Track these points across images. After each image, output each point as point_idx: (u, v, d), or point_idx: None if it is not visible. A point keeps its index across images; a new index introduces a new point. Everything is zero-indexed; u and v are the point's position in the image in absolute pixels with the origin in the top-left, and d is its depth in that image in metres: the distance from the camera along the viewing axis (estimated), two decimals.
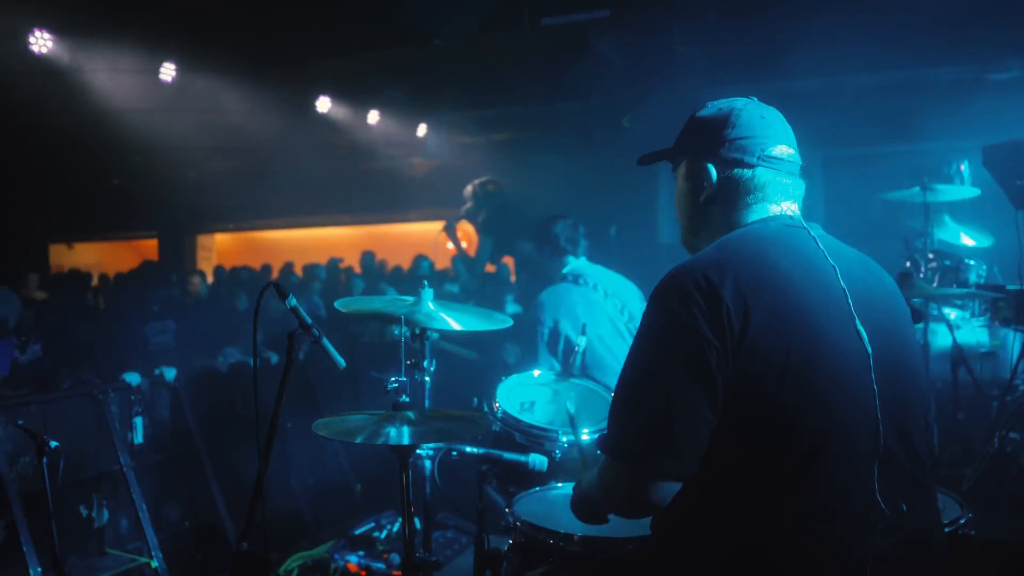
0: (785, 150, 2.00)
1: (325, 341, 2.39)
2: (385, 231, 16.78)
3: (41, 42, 6.72)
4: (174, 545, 6.05)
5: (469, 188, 7.74)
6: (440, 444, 2.87)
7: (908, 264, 5.59)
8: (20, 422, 3.95)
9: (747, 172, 1.97)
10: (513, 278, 8.82)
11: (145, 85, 7.95)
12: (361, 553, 4.89)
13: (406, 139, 10.77)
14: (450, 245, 8.27)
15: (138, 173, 12.08)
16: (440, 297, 3.19)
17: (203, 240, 17.58)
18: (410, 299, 3.26)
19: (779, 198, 1.99)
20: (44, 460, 3.60)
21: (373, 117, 9.99)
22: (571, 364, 3.70)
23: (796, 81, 9.06)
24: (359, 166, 12.06)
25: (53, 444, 3.64)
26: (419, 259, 10.80)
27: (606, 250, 6.83)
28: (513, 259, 8.00)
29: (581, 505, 2.10)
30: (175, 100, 8.44)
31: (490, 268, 8.98)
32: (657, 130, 9.24)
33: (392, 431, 2.44)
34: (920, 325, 5.48)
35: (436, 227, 8.28)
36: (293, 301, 2.35)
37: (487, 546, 2.97)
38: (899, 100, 8.65)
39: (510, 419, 3.15)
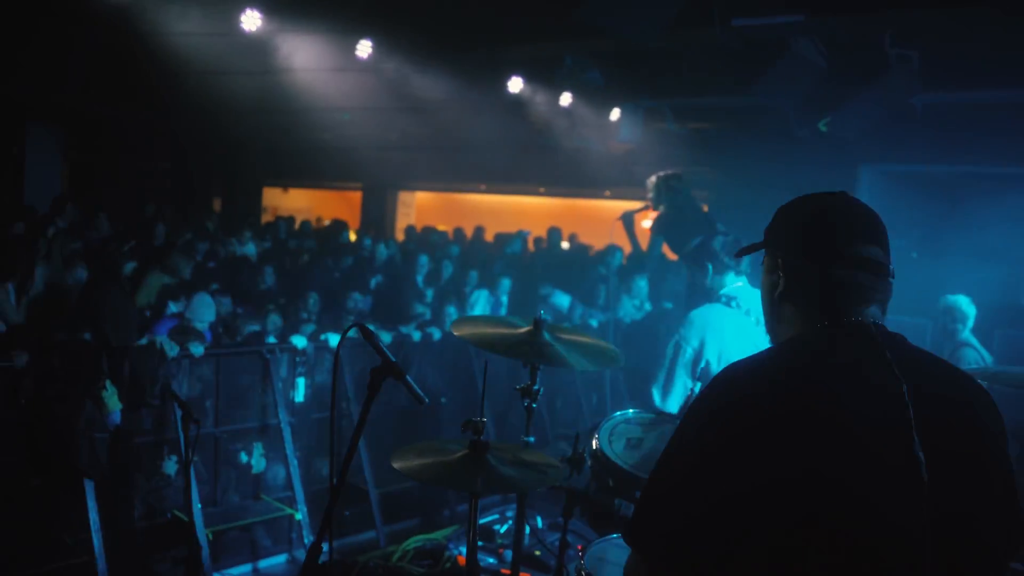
0: (867, 249, 1.86)
1: (409, 379, 2.48)
2: (580, 205, 16.88)
3: (251, 20, 7.19)
4: (322, 498, 6.50)
5: (652, 179, 7.52)
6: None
7: None
8: (158, 383, 4.34)
9: (815, 272, 1.85)
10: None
11: (345, 57, 8.38)
12: (480, 544, 5.04)
13: (599, 122, 10.72)
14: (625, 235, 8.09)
15: (345, 130, 12.72)
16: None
17: (404, 196, 18.34)
18: (523, 326, 3.29)
19: (854, 303, 1.84)
20: (190, 427, 3.93)
21: (566, 99, 10.01)
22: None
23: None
24: (552, 141, 12.15)
25: (180, 409, 3.97)
26: (612, 249, 10.74)
27: None
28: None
29: None
30: (370, 66, 8.84)
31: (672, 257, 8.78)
32: (857, 136, 8.72)
33: (468, 477, 2.50)
34: None
35: (630, 206, 8.04)
36: (378, 341, 2.44)
37: None
38: None
39: (602, 457, 3.12)
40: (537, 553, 4.64)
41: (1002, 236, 8.97)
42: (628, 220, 7.69)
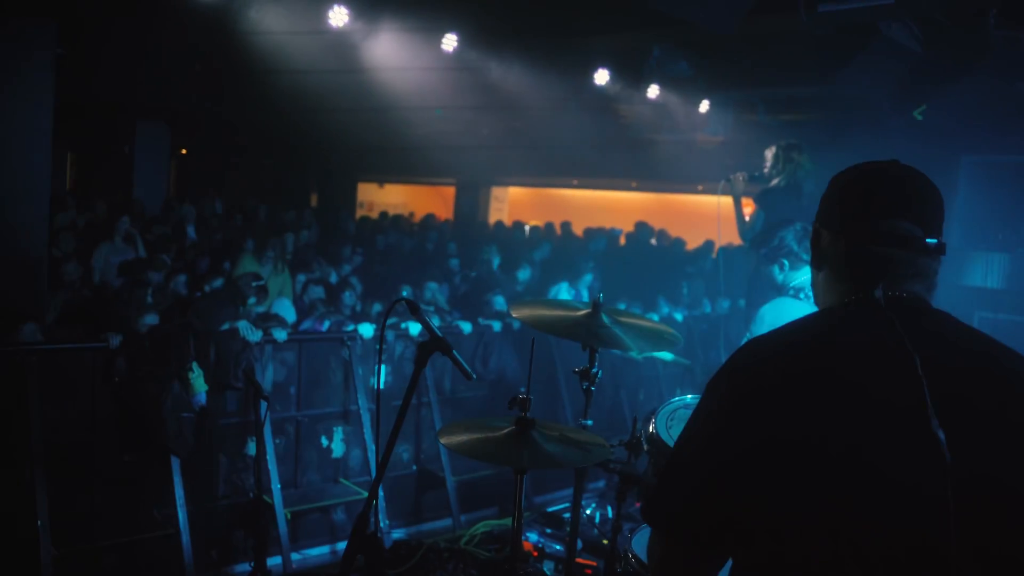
0: (900, 224, 1.77)
1: (456, 354, 2.50)
2: (671, 200, 16.69)
3: (339, 16, 7.36)
4: (400, 484, 6.62)
5: (772, 149, 6.98)
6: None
7: None
8: (243, 367, 4.49)
9: (842, 244, 1.80)
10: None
11: (431, 51, 8.50)
12: (549, 531, 5.05)
13: (688, 114, 10.59)
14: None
15: (438, 126, 12.89)
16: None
17: (496, 191, 18.48)
18: (582, 308, 3.28)
19: (882, 275, 1.76)
20: (263, 404, 4.05)
21: (653, 91, 9.90)
22: None
23: None
24: (642, 135, 12.04)
25: (267, 391, 4.10)
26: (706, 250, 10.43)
27: None
28: None
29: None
30: (460, 64, 8.94)
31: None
32: (957, 125, 8.36)
33: (511, 451, 2.51)
34: None
35: (724, 200, 7.55)
36: (425, 316, 2.47)
37: (619, 566, 2.97)
38: None
39: (659, 441, 3.08)
40: (605, 542, 4.61)
41: None
42: (735, 188, 6.87)
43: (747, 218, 8.10)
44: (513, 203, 19.09)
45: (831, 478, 1.54)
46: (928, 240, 1.78)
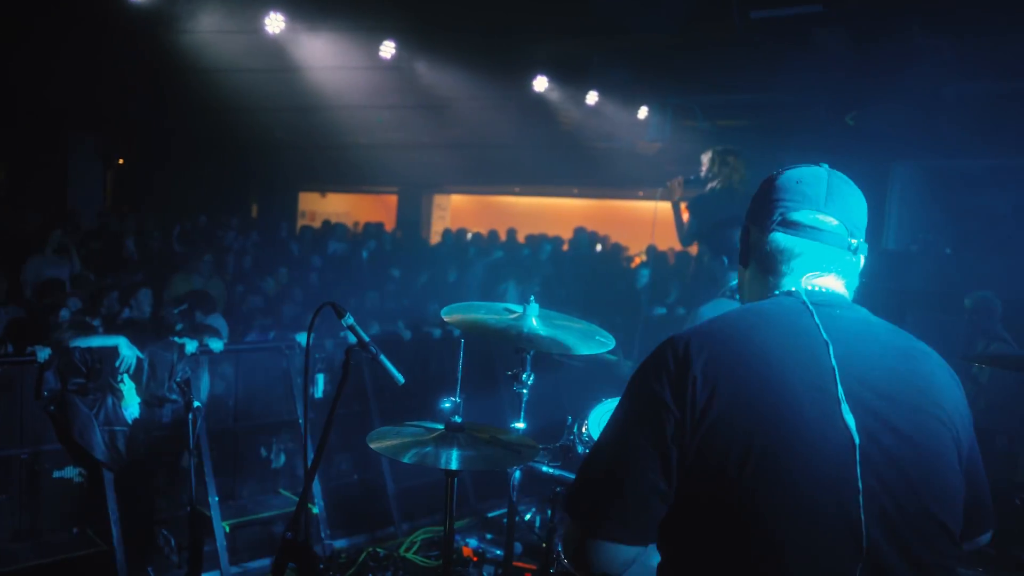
0: (827, 220, 1.84)
1: (383, 358, 2.49)
2: (613, 205, 16.84)
3: (275, 22, 7.30)
4: (342, 493, 6.55)
5: (708, 154, 7.01)
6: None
7: None
8: (177, 379, 4.42)
9: (762, 237, 1.86)
10: None
11: (370, 58, 8.47)
12: (489, 536, 5.05)
13: (628, 121, 10.70)
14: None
15: (380, 134, 12.85)
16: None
17: (439, 199, 18.47)
18: (515, 311, 3.28)
19: (811, 270, 1.84)
20: (190, 415, 3.98)
21: (592, 98, 10.00)
22: None
23: None
24: (582, 142, 12.14)
25: (196, 404, 4.03)
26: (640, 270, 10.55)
27: None
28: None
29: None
30: (399, 71, 8.94)
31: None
32: (887, 130, 8.56)
33: (441, 453, 2.51)
34: None
35: (664, 206, 7.54)
36: (350, 319, 2.46)
37: (553, 568, 2.98)
38: None
39: (591, 442, 3.10)
40: (544, 545, 4.62)
41: None
42: (673, 194, 6.83)
43: (685, 223, 8.20)
44: (456, 211, 19.09)
45: (752, 465, 1.58)
46: (850, 238, 1.85)
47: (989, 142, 8.70)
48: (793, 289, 1.83)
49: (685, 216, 7.09)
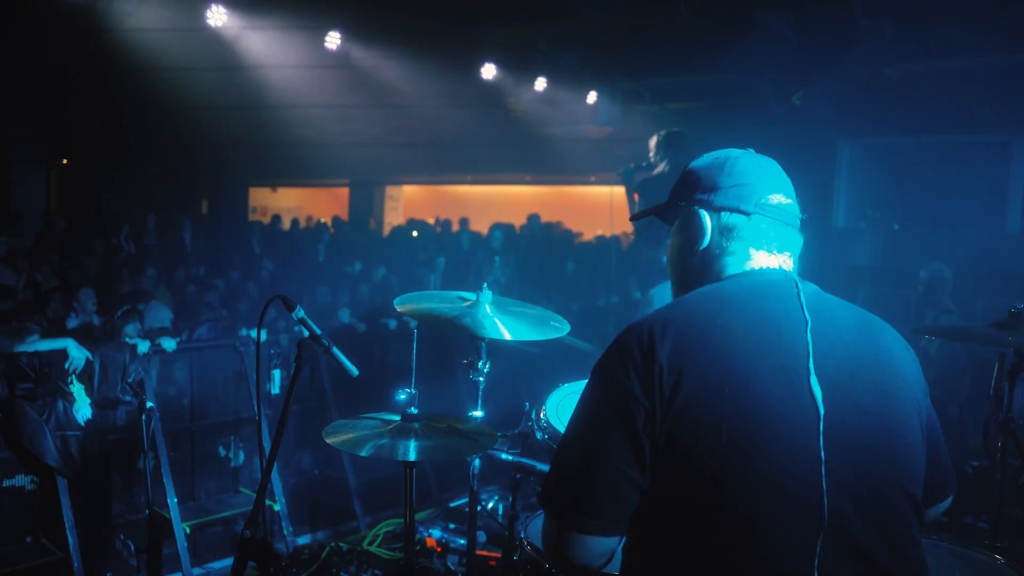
0: (782, 199, 1.88)
1: (335, 350, 2.47)
2: (566, 191, 16.88)
3: (217, 15, 7.18)
4: (303, 489, 6.50)
5: (655, 138, 7.03)
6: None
7: None
8: (130, 379, 4.35)
9: (741, 219, 1.86)
10: None
11: (315, 49, 8.38)
12: (453, 526, 5.04)
13: (578, 106, 10.72)
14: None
15: (328, 126, 12.72)
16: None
17: (391, 190, 18.36)
18: (469, 299, 3.27)
19: (772, 249, 1.87)
20: (143, 416, 3.92)
21: (541, 84, 9.99)
22: None
23: (1002, 57, 8.24)
24: (533, 129, 12.14)
25: (149, 404, 3.97)
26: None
27: None
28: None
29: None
30: (346, 61, 8.85)
31: None
32: (832, 109, 8.65)
33: (399, 445, 2.49)
34: None
35: (617, 191, 7.56)
36: (301, 312, 2.43)
37: (516, 555, 2.98)
38: None
39: (551, 430, 3.11)
40: (507, 533, 4.63)
41: (982, 204, 8.97)
42: (629, 178, 6.91)
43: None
44: (408, 202, 19.01)
45: (722, 449, 1.59)
46: (798, 216, 1.90)
47: (932, 120, 8.88)
48: (760, 267, 1.85)
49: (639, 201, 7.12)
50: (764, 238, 1.86)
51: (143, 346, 5.59)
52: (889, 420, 1.72)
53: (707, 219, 1.89)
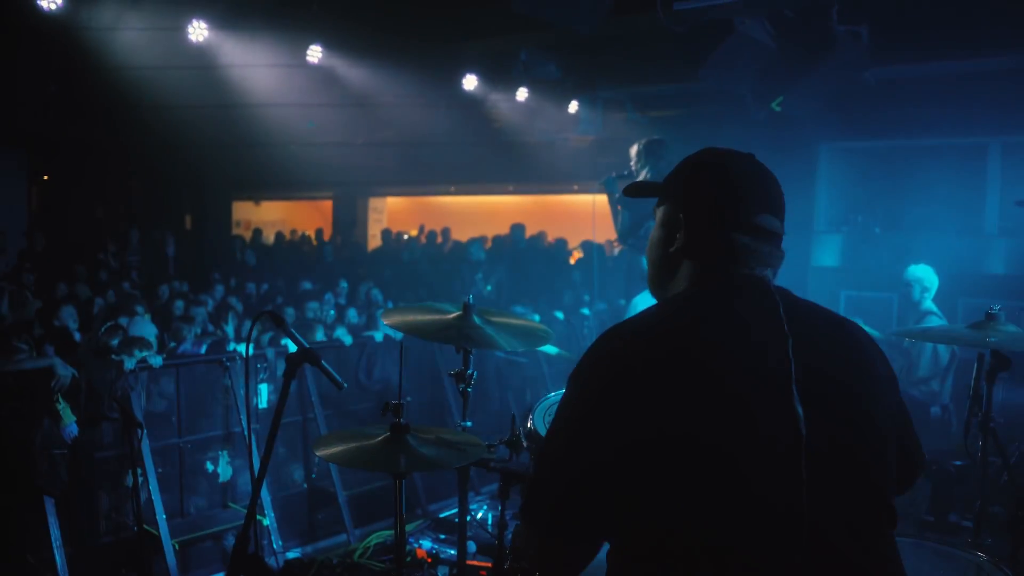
0: (768, 219, 1.85)
1: (324, 363, 2.49)
2: (549, 201, 16.92)
3: (198, 31, 7.19)
4: (292, 503, 6.50)
5: (635, 147, 7.03)
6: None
7: None
8: (117, 396, 4.34)
9: (721, 234, 1.83)
10: None
11: (298, 62, 8.40)
12: (442, 537, 5.05)
13: (559, 115, 10.78)
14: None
15: (311, 139, 12.72)
16: None
17: (374, 202, 18.36)
18: (455, 312, 3.30)
19: (752, 263, 1.84)
20: (132, 434, 3.92)
21: (522, 94, 10.05)
22: None
23: (978, 60, 8.35)
24: (516, 139, 12.18)
25: (139, 420, 3.97)
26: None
27: None
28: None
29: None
30: (328, 74, 8.88)
31: None
32: (812, 114, 8.74)
33: (389, 456, 2.51)
34: None
35: (599, 199, 7.28)
36: (290, 328, 2.45)
37: (506, 563, 3.00)
38: None
39: (538, 438, 3.12)
40: (497, 542, 4.64)
41: (961, 207, 9.07)
42: (611, 187, 6.99)
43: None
44: (392, 214, 19.00)
45: (701, 456, 1.59)
46: (783, 234, 1.90)
47: (910, 123, 8.99)
48: (759, 277, 1.83)
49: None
50: (743, 253, 1.83)
51: (129, 363, 5.58)
52: (865, 425, 1.73)
53: (693, 228, 1.86)
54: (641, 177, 6.95)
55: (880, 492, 1.73)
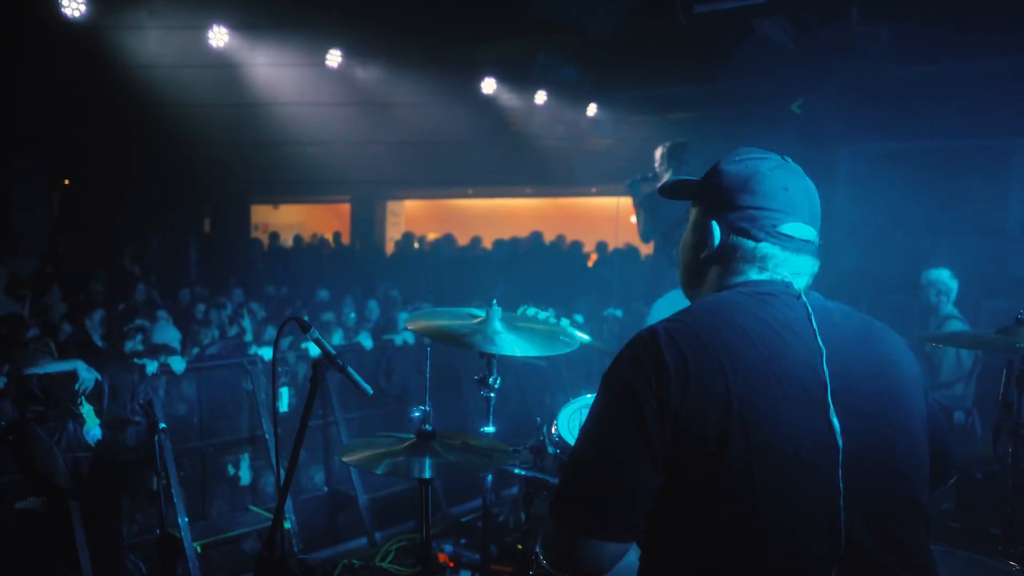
0: (800, 228, 1.84)
1: (350, 370, 2.49)
2: (567, 204, 16.91)
3: (219, 36, 7.22)
4: (312, 507, 6.51)
5: (660, 149, 6.97)
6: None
7: None
8: (140, 401, 4.37)
9: (750, 243, 1.83)
10: None
11: (319, 68, 8.44)
12: (464, 541, 5.05)
13: (577, 118, 10.78)
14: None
15: (330, 143, 12.76)
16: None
17: (392, 206, 18.40)
18: (478, 317, 3.29)
19: (781, 271, 1.84)
20: (156, 438, 3.94)
21: (541, 97, 10.05)
22: None
23: (1000, 60, 8.28)
24: (534, 142, 12.18)
25: (162, 425, 3.99)
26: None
27: None
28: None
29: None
30: (347, 78, 8.91)
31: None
32: (831, 116, 8.68)
33: (414, 462, 2.51)
34: None
35: (623, 202, 7.28)
36: (316, 333, 2.45)
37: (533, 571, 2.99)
38: None
39: (563, 444, 3.12)
40: (520, 547, 4.64)
41: (984, 208, 8.99)
42: (636, 189, 6.90)
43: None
44: (410, 217, 19.04)
45: (736, 462, 1.58)
46: (818, 244, 1.88)
47: (932, 124, 8.91)
48: (765, 279, 1.82)
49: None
50: (772, 263, 1.83)
51: (152, 366, 5.61)
52: (898, 432, 1.72)
53: (717, 231, 1.86)
54: (664, 180, 6.88)
55: (916, 501, 1.72)
